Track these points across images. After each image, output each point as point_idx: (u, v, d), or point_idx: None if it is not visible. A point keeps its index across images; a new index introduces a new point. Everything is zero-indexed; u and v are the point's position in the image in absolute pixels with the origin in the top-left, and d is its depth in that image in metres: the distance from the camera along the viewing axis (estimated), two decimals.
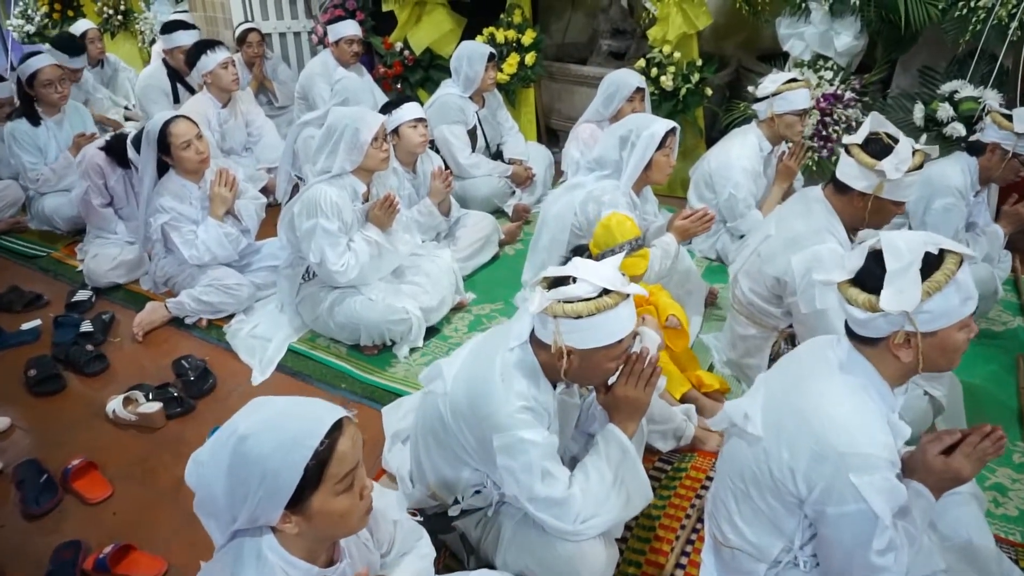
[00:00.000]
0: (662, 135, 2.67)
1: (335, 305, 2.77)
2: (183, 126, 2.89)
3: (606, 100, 3.49)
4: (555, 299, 1.58)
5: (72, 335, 2.88)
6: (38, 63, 3.59)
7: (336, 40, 4.47)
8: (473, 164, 3.89)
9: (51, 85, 3.62)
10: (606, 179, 2.78)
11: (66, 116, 3.79)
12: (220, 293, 2.94)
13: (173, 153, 2.87)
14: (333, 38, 4.47)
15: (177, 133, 2.87)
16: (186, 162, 2.89)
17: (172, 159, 2.89)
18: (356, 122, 2.66)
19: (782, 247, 2.36)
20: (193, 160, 2.90)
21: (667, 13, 3.86)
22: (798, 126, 3.21)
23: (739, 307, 2.58)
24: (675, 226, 2.77)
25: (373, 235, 2.77)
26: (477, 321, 3.04)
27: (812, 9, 3.52)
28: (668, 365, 2.44)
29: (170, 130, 2.87)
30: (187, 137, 2.88)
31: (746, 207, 3.29)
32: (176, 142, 2.86)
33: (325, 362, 2.77)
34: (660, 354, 2.38)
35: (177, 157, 2.88)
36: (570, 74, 4.66)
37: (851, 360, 1.54)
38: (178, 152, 2.87)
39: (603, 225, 2.40)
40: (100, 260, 3.25)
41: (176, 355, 2.77)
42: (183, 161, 2.89)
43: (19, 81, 3.68)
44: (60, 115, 3.76)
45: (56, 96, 3.66)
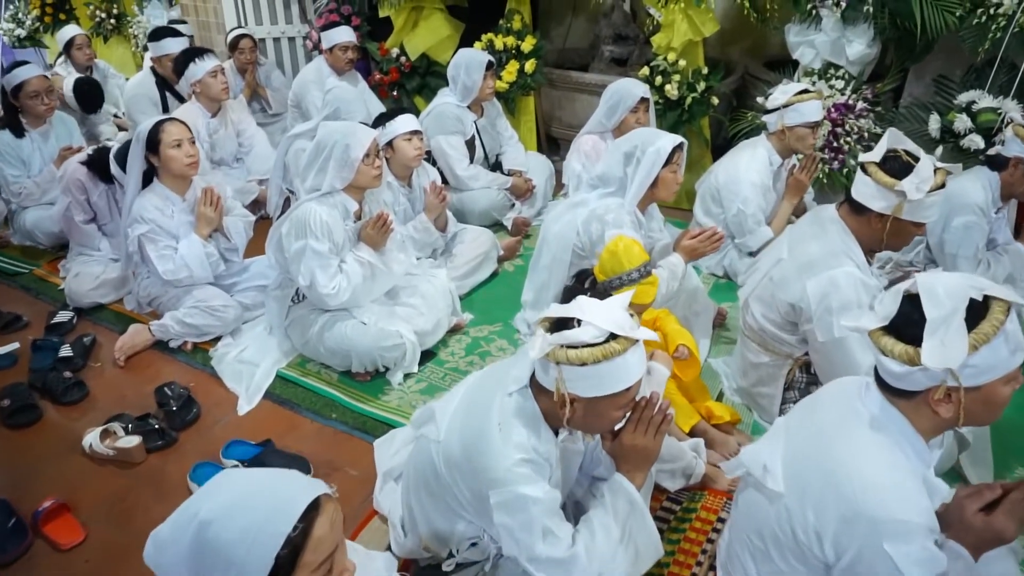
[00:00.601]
0: (669, 151, 2.53)
1: (325, 329, 2.64)
2: (177, 127, 2.79)
3: (609, 111, 3.35)
4: (558, 344, 1.44)
5: (50, 360, 2.75)
6: (25, 74, 3.46)
7: (330, 47, 4.33)
8: (471, 176, 3.75)
9: (37, 97, 3.49)
10: (610, 197, 2.65)
11: (52, 128, 3.66)
12: (205, 315, 2.80)
13: (162, 152, 2.74)
14: (327, 45, 4.34)
15: (169, 131, 2.75)
16: (174, 162, 2.76)
17: (160, 159, 2.75)
18: (346, 138, 2.52)
19: (796, 271, 2.23)
20: (181, 161, 2.76)
21: (672, 20, 3.72)
22: (810, 139, 3.07)
23: (750, 333, 2.45)
24: (682, 246, 2.64)
25: (365, 255, 2.64)
26: (475, 344, 2.90)
27: (823, 16, 3.39)
28: (676, 396, 2.31)
29: (163, 127, 2.76)
30: (179, 137, 2.76)
31: (755, 223, 3.16)
32: (167, 139, 2.74)
33: (315, 389, 2.64)
34: (668, 384, 2.26)
35: (165, 156, 2.74)
36: (571, 81, 4.52)
37: (883, 414, 1.41)
38: (167, 151, 2.74)
39: (609, 251, 2.26)
40: (82, 279, 3.12)
41: (159, 381, 2.64)
42: (171, 161, 2.75)
43: (3, 91, 3.55)
44: (46, 127, 3.63)
45: (42, 108, 3.52)
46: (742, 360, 2.54)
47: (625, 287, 2.26)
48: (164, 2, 6.63)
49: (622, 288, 2.26)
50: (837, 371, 2.22)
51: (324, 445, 2.39)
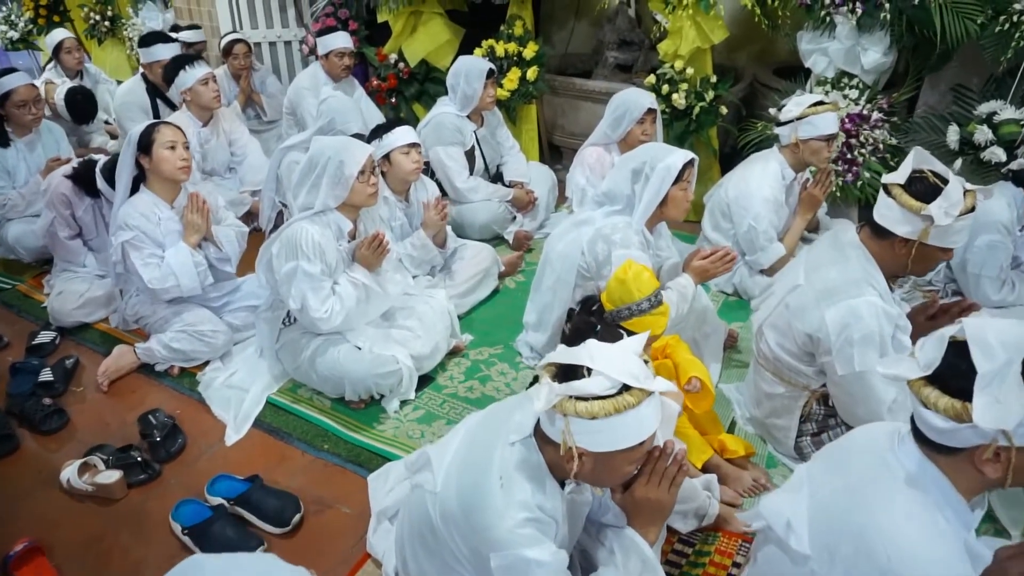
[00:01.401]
0: (679, 168, 2.41)
1: (317, 354, 2.51)
2: (171, 129, 2.67)
3: (614, 122, 3.22)
4: (566, 395, 1.32)
5: (30, 385, 2.62)
6: (12, 82, 3.33)
7: (326, 53, 4.21)
8: (471, 188, 3.63)
9: (25, 106, 3.36)
10: (617, 215, 2.52)
11: (39, 138, 3.53)
12: (193, 340, 2.67)
13: (154, 152, 2.61)
14: (322, 51, 4.21)
15: (164, 132, 2.64)
16: (166, 164, 2.63)
17: (151, 160, 2.63)
18: (340, 154, 2.39)
19: (814, 300, 2.10)
20: (173, 164, 2.64)
21: (680, 26, 3.59)
22: (824, 152, 2.95)
23: (764, 362, 2.32)
24: (693, 266, 2.52)
25: (360, 277, 2.51)
26: (475, 368, 2.78)
27: (838, 23, 3.25)
28: (688, 429, 2.18)
29: (158, 128, 2.65)
30: (173, 139, 2.64)
31: (767, 240, 3.03)
32: (161, 139, 2.62)
33: (307, 417, 2.51)
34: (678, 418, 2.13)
35: (158, 157, 2.62)
36: (575, 88, 4.39)
37: (921, 471, 1.28)
38: (160, 151, 2.61)
39: (618, 279, 2.14)
40: (65, 298, 2.99)
41: (143, 408, 2.52)
42: (163, 163, 2.63)
43: None
44: (32, 136, 3.50)
45: (29, 118, 3.40)
46: (755, 389, 2.41)
47: (635, 317, 2.15)
48: (159, 4, 6.50)
49: (631, 319, 2.15)
50: (857, 406, 2.11)
51: (315, 479, 2.27)
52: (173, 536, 2.04)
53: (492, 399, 2.60)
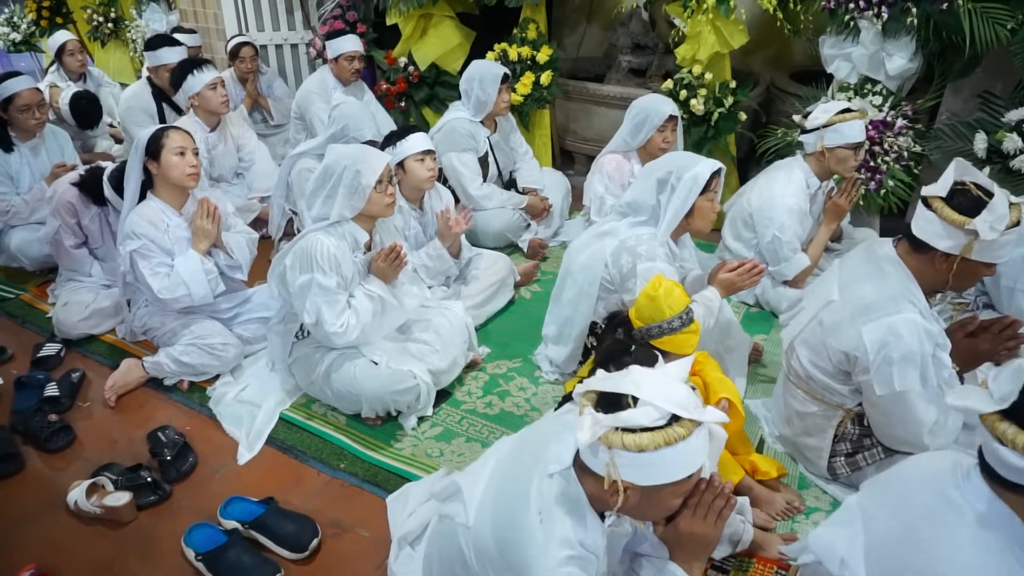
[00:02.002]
0: (707, 178, 2.33)
1: (332, 370, 2.43)
2: (181, 135, 2.60)
3: (634, 129, 3.14)
4: (611, 426, 1.24)
5: (35, 401, 2.54)
6: (15, 86, 3.24)
7: (335, 56, 4.13)
8: (485, 196, 3.55)
9: (29, 110, 3.28)
10: (641, 226, 2.45)
11: (43, 142, 3.44)
12: (203, 354, 2.59)
13: (163, 158, 2.54)
14: (332, 54, 4.14)
15: (173, 137, 2.56)
16: (174, 170, 2.55)
17: (159, 166, 2.55)
18: (357, 163, 2.32)
19: (850, 316, 2.02)
20: (182, 170, 2.56)
21: (698, 31, 3.51)
22: (851, 161, 2.87)
23: (795, 380, 2.24)
24: (719, 279, 2.44)
25: (376, 289, 2.43)
26: (493, 382, 2.70)
27: (862, 28, 3.18)
28: None
29: (167, 132, 2.57)
30: (183, 144, 2.57)
31: (791, 250, 2.96)
32: (170, 144, 2.54)
33: (322, 435, 2.43)
34: None
35: (166, 163, 2.54)
36: (588, 93, 4.32)
37: (991, 510, 1.20)
38: (169, 156, 2.54)
39: (648, 296, 2.06)
40: (71, 309, 2.91)
41: (152, 425, 2.43)
42: (171, 169, 2.55)
43: None
44: (36, 141, 3.42)
45: (33, 122, 3.31)
46: (785, 407, 2.34)
47: (665, 336, 2.07)
48: (163, 6, 6.43)
49: (661, 337, 2.07)
50: (895, 427, 2.03)
51: (332, 501, 2.19)
52: (186, 561, 1.96)
53: (512, 415, 2.52)
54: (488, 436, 2.43)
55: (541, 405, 2.57)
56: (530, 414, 2.53)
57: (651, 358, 1.82)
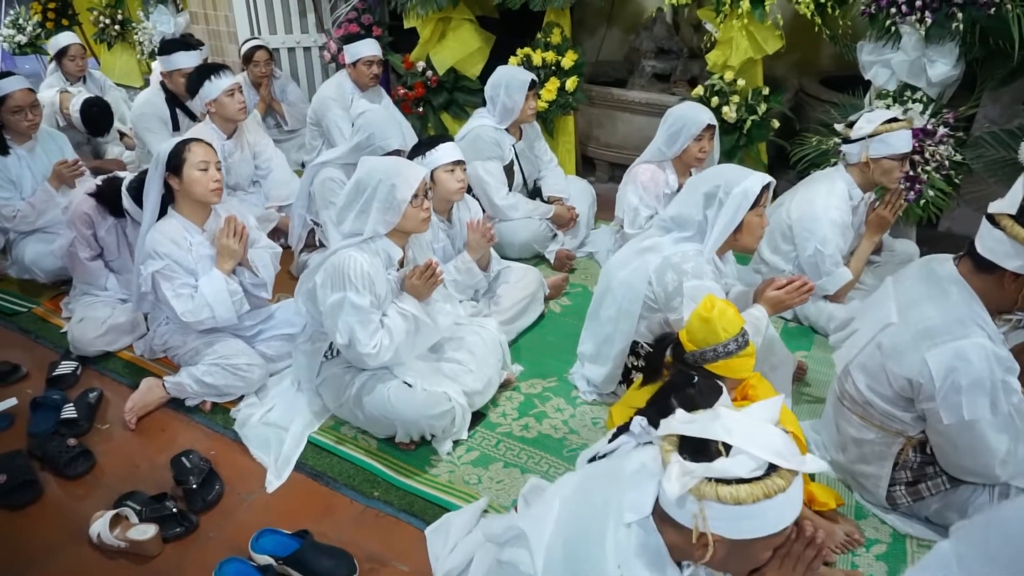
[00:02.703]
0: (757, 192, 2.23)
1: (364, 392, 2.32)
2: (203, 148, 2.48)
3: (670, 138, 3.04)
4: (704, 477, 1.14)
5: (52, 423, 2.43)
6: (6, 86, 3.12)
7: (353, 61, 4.03)
8: (510, 206, 3.44)
9: (21, 112, 3.16)
10: (686, 242, 2.34)
11: (38, 143, 3.32)
12: (227, 374, 2.49)
13: (185, 173, 2.43)
14: (350, 59, 4.04)
15: (195, 151, 2.45)
16: (197, 186, 2.45)
17: (181, 182, 2.44)
18: (392, 177, 2.21)
19: (912, 341, 1.92)
20: (206, 185, 2.46)
21: (730, 36, 3.41)
22: (896, 172, 2.77)
23: (851, 405, 2.14)
24: (767, 297, 2.34)
25: (409, 308, 2.32)
26: (528, 403, 2.59)
27: (904, 34, 3.08)
28: None
29: (189, 146, 2.45)
30: (206, 159, 2.46)
31: (834, 264, 2.85)
32: (192, 159, 2.43)
33: (353, 460, 2.32)
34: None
35: (189, 179, 2.44)
36: (612, 98, 4.22)
37: None
38: (192, 171, 2.43)
39: (701, 318, 1.96)
40: (87, 325, 2.80)
41: (175, 449, 2.33)
42: (194, 185, 2.44)
43: None
44: (31, 142, 3.30)
45: (26, 124, 3.20)
46: (838, 432, 2.23)
47: (720, 360, 1.97)
48: (171, 8, 6.33)
49: (716, 361, 1.97)
50: (964, 458, 1.93)
51: (367, 532, 2.08)
52: None
53: (549, 439, 2.42)
54: (527, 461, 2.32)
55: (579, 427, 2.47)
56: (568, 437, 2.43)
57: (715, 389, 1.72)
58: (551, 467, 2.30)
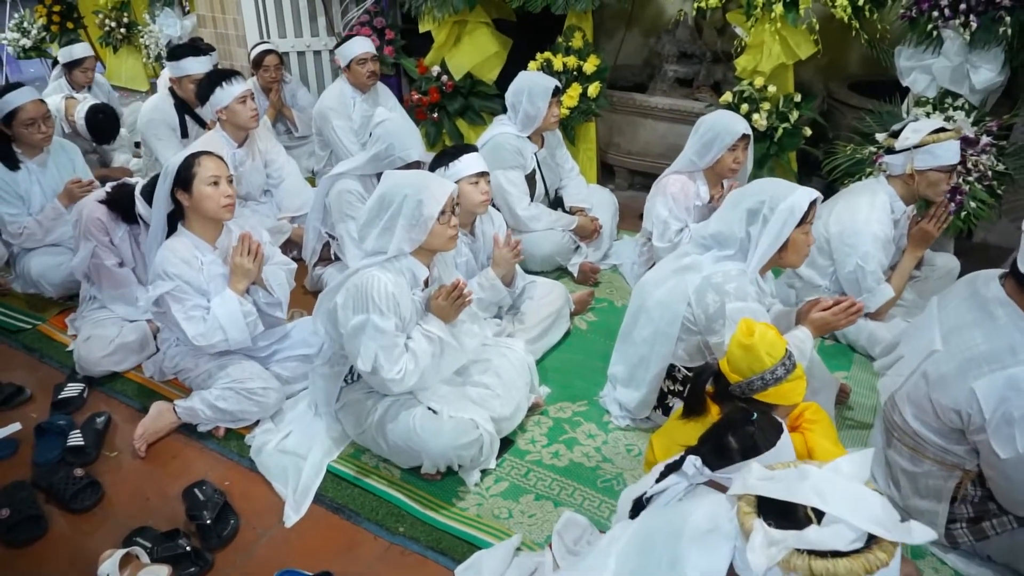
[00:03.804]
0: (804, 209, 2.10)
1: (387, 419, 2.20)
2: (214, 162, 2.35)
3: (703, 148, 2.90)
4: (797, 548, 1.01)
5: (58, 450, 2.31)
6: (18, 99, 3.01)
7: (347, 63, 3.91)
8: (533, 217, 3.31)
9: (33, 125, 3.05)
10: (728, 261, 2.21)
11: (50, 156, 3.21)
12: (241, 399, 2.36)
13: (195, 189, 2.30)
14: (343, 62, 3.93)
15: (206, 165, 2.32)
16: (208, 202, 2.32)
17: (191, 198, 2.32)
18: (419, 192, 2.08)
19: (958, 370, 1.80)
20: (217, 201, 2.33)
21: (761, 40, 3.28)
22: (943, 184, 2.64)
23: (901, 436, 2.01)
24: (812, 319, 2.20)
25: (435, 330, 2.19)
26: (557, 428, 2.46)
27: (946, 39, 2.95)
28: None
29: (199, 160, 2.32)
30: (216, 173, 2.33)
31: (875, 281, 2.72)
32: (203, 174, 2.30)
33: (375, 492, 2.19)
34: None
35: (199, 195, 2.31)
36: (633, 104, 4.09)
37: None
38: (202, 187, 2.30)
39: (743, 345, 1.82)
40: (94, 344, 2.67)
41: (187, 479, 2.20)
42: (205, 201, 2.32)
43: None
44: (43, 155, 3.18)
45: (39, 137, 3.08)
46: (888, 465, 2.10)
47: (770, 388, 1.83)
48: (177, 11, 6.22)
49: (765, 390, 1.83)
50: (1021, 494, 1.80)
51: (393, 571, 1.95)
52: None
53: (582, 467, 2.29)
54: (559, 493, 2.19)
55: (613, 455, 2.34)
56: (602, 466, 2.30)
57: (775, 427, 1.59)
58: (585, 499, 2.17)
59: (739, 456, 1.51)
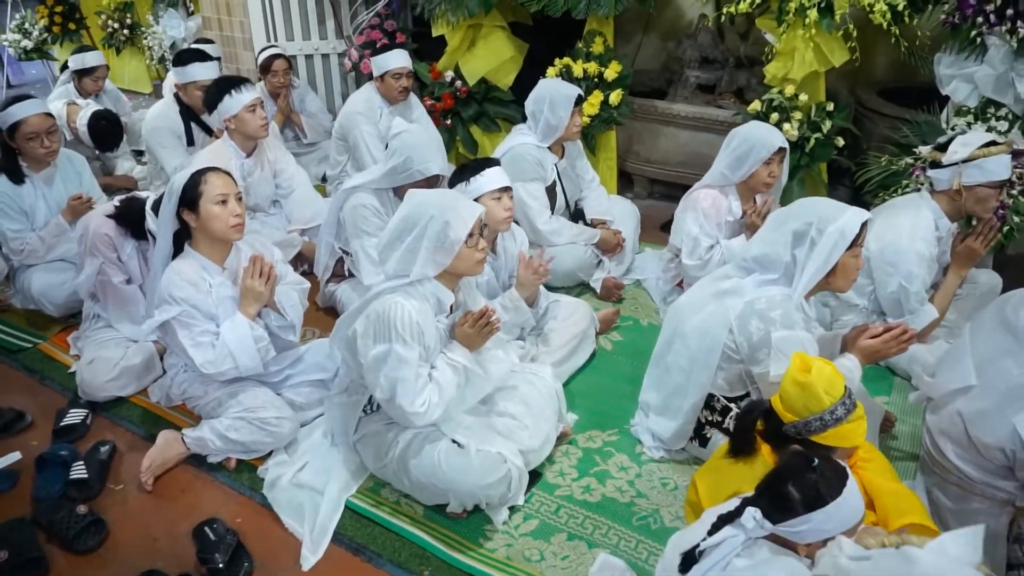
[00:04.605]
0: (856, 231, 1.97)
1: (410, 455, 2.06)
2: (222, 179, 2.20)
3: (736, 161, 2.76)
4: None
5: (60, 483, 2.18)
6: (22, 111, 2.87)
7: (381, 74, 3.77)
8: (554, 231, 3.18)
9: (36, 139, 2.90)
10: (771, 285, 2.08)
11: (57, 170, 3.07)
12: (254, 429, 2.23)
13: (202, 208, 2.16)
14: (377, 71, 3.78)
15: (213, 183, 2.17)
16: (216, 222, 2.19)
17: (198, 218, 2.18)
18: (445, 213, 1.95)
19: (996, 404, 1.72)
20: (225, 222, 2.19)
21: (793, 46, 3.14)
22: (992, 201, 2.51)
23: (943, 473, 1.90)
24: (861, 346, 2.08)
25: (460, 359, 2.06)
26: (588, 460, 2.33)
27: (990, 46, 2.81)
28: None
29: (205, 178, 2.17)
30: (224, 191, 2.18)
31: (919, 302, 2.58)
32: (210, 192, 2.16)
33: (397, 530, 2.06)
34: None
35: (206, 215, 2.17)
36: (654, 111, 3.96)
37: None
38: (209, 207, 2.16)
39: (799, 384, 1.70)
40: (97, 367, 2.54)
41: (197, 516, 2.08)
42: (213, 221, 2.18)
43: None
44: (50, 170, 3.05)
45: (42, 151, 2.94)
46: (932, 503, 1.97)
47: (829, 429, 1.70)
48: (181, 12, 6.09)
49: (824, 431, 1.70)
50: None
51: None
52: None
53: (615, 503, 2.16)
54: (593, 532, 2.06)
55: (648, 490, 2.21)
56: (637, 502, 2.16)
57: (839, 474, 1.46)
58: (621, 539, 2.04)
59: (802, 508, 1.40)
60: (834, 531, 1.40)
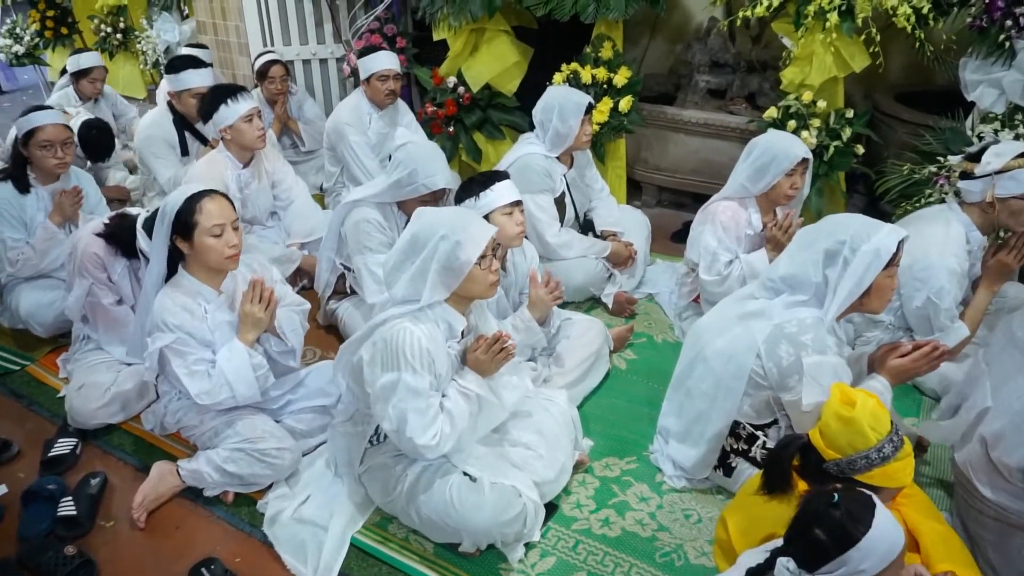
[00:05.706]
0: (892, 251, 1.85)
1: (419, 490, 1.94)
2: (218, 205, 2.07)
3: (757, 172, 2.64)
4: None
5: (47, 521, 2.06)
6: (39, 119, 2.79)
7: (367, 77, 3.65)
8: (564, 244, 3.06)
9: (50, 148, 2.81)
10: (801, 307, 1.96)
11: (64, 186, 2.95)
12: (252, 461, 2.10)
13: (196, 240, 2.04)
14: (363, 74, 3.66)
15: (208, 211, 2.04)
16: (211, 254, 2.07)
17: (192, 247, 2.07)
18: (456, 233, 1.83)
19: (1013, 425, 1.63)
20: (221, 253, 2.07)
21: (811, 51, 3.03)
22: None
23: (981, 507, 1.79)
24: (890, 367, 1.97)
25: (472, 387, 1.94)
26: (605, 490, 2.21)
27: (1019, 50, 2.70)
28: None
29: (200, 206, 2.04)
30: (221, 221, 2.05)
31: (949, 318, 2.47)
32: (205, 223, 2.03)
33: (407, 570, 1.94)
34: None
35: (201, 246, 2.05)
36: (664, 118, 3.84)
37: None
38: (204, 239, 2.04)
39: (842, 418, 1.58)
40: (87, 393, 2.42)
41: (193, 555, 1.95)
42: (208, 252, 2.06)
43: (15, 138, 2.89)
44: (57, 184, 2.93)
45: (54, 162, 2.83)
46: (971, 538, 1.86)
47: (875, 468, 1.59)
48: (176, 16, 5.97)
49: (870, 470, 1.59)
50: None
51: None
52: None
53: (637, 538, 2.03)
54: (614, 570, 1.94)
55: (670, 523, 2.09)
56: (659, 536, 2.04)
57: (863, 503, 1.37)
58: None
59: (835, 551, 1.32)
60: (875, 568, 1.31)
